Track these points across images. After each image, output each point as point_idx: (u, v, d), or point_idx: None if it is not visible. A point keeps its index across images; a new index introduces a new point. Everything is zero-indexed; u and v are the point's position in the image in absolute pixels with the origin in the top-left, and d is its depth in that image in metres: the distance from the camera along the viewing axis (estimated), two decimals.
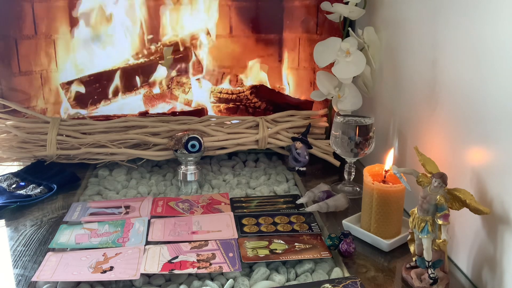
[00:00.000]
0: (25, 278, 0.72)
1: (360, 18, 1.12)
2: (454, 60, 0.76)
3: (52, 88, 1.30)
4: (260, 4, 1.33)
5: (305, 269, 0.75)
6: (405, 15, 0.96)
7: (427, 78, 0.86)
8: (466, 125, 0.72)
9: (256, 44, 1.35)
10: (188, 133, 1.04)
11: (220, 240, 0.82)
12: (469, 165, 0.72)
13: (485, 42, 0.67)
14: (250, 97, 1.33)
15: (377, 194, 0.81)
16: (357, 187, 1.04)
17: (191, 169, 1.05)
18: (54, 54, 1.29)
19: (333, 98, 1.12)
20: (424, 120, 0.88)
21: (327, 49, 1.08)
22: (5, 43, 1.22)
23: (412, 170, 0.71)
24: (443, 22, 0.79)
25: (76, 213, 0.92)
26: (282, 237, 0.84)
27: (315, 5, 1.28)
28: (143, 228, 0.86)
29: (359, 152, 0.99)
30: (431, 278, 0.68)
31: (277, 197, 1.01)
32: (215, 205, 0.97)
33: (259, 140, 1.17)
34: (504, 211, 0.63)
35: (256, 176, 1.14)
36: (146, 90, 1.35)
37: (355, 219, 0.88)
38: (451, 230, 0.77)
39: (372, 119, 1.00)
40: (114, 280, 0.71)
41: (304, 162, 1.14)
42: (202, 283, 0.71)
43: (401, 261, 0.77)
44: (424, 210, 0.67)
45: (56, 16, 1.27)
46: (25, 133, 1.13)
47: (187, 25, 1.33)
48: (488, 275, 0.68)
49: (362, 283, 0.69)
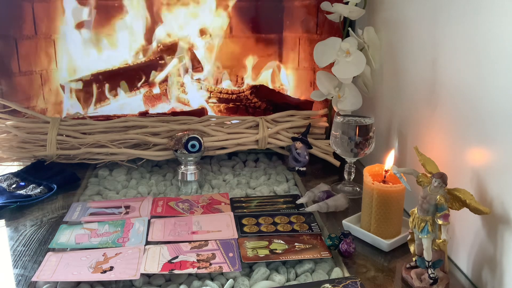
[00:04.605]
0: (25, 278, 0.72)
1: (360, 18, 1.12)
2: (454, 60, 0.76)
3: (52, 88, 1.30)
4: (260, 4, 1.33)
5: (305, 269, 0.75)
6: (405, 15, 0.96)
7: (427, 78, 0.86)
8: (466, 125, 0.72)
9: (256, 44, 1.35)
10: (188, 133, 1.04)
11: (220, 240, 0.82)
12: (469, 165, 0.72)
13: (485, 42, 0.67)
14: (250, 97, 1.33)
15: (377, 194, 0.81)
16: (357, 187, 1.04)
17: (191, 169, 1.05)
18: (54, 54, 1.29)
19: (333, 98, 1.12)
20: (424, 120, 0.88)
21: (327, 49, 1.08)
22: (5, 43, 1.22)
23: (412, 170, 0.71)
24: (443, 22, 0.79)
25: (76, 213, 0.92)
26: (282, 237, 0.84)
27: (315, 5, 1.28)
28: (143, 228, 0.86)
29: (359, 152, 0.99)
30: (431, 278, 0.68)
31: (277, 197, 1.01)
32: (215, 205, 0.97)
33: (259, 140, 1.17)
34: (504, 211, 0.63)
35: (256, 176, 1.14)
36: (146, 90, 1.35)
37: (355, 219, 0.88)
38: (451, 230, 0.77)
39: (372, 119, 1.00)
40: (114, 280, 0.71)
41: (304, 162, 1.14)
42: (202, 283, 0.71)
43: (401, 261, 0.77)
44: (424, 210, 0.67)
45: (56, 16, 1.27)
46: (25, 133, 1.13)
47: (187, 25, 1.33)
48: (488, 275, 0.68)
49: (362, 283, 0.69)
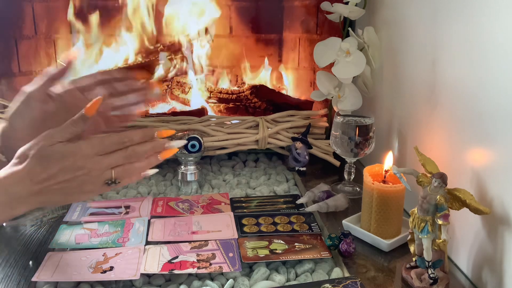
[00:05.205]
0: (25, 278, 0.72)
1: (360, 18, 1.12)
2: (454, 60, 0.76)
3: None
4: (260, 4, 1.33)
5: (305, 269, 0.75)
6: (405, 15, 0.96)
7: (427, 78, 0.86)
8: (466, 125, 0.72)
9: (256, 44, 1.35)
10: (188, 133, 1.04)
11: (220, 240, 0.82)
12: (469, 165, 0.72)
13: (485, 42, 0.67)
14: (250, 97, 1.33)
15: (377, 194, 0.81)
16: (357, 187, 1.04)
17: (191, 169, 1.05)
18: (54, 54, 1.29)
19: (333, 98, 1.12)
20: (424, 120, 0.88)
21: (327, 49, 1.08)
22: (5, 43, 1.22)
23: (412, 170, 0.71)
24: (443, 22, 0.79)
25: (76, 213, 0.92)
26: (282, 237, 0.84)
27: (315, 5, 1.28)
28: (143, 228, 0.86)
29: (359, 152, 0.99)
30: (431, 278, 0.68)
31: (277, 197, 1.01)
32: (215, 205, 0.97)
33: (259, 140, 1.17)
34: (504, 211, 0.63)
35: (256, 176, 1.14)
36: None
37: (355, 219, 0.88)
38: (451, 230, 0.77)
39: (372, 119, 1.00)
40: (114, 280, 0.71)
41: (304, 162, 1.14)
42: (202, 283, 0.71)
43: (401, 261, 0.77)
44: (424, 210, 0.67)
45: (56, 16, 1.27)
46: None
47: (186, 25, 1.33)
48: (488, 275, 0.68)
49: (362, 283, 0.69)
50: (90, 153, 0.65)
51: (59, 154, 0.64)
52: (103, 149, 0.66)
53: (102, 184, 0.67)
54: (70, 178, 0.64)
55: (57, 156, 0.64)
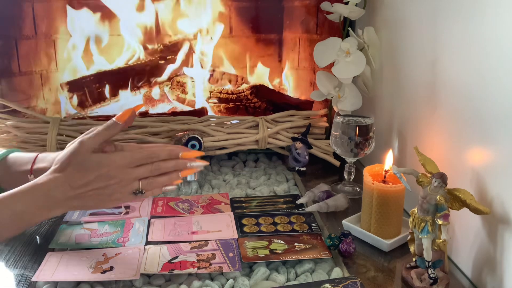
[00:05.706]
0: (25, 278, 0.72)
1: (360, 18, 1.12)
2: (454, 60, 0.76)
3: (52, 88, 1.30)
4: (260, 4, 1.32)
5: (305, 269, 0.75)
6: (405, 15, 0.96)
7: (427, 78, 0.86)
8: (466, 125, 0.72)
9: (256, 44, 1.35)
10: (188, 133, 1.04)
11: (220, 240, 0.82)
12: (469, 165, 0.72)
13: (485, 42, 0.67)
14: (250, 97, 1.33)
15: (377, 194, 0.81)
16: (357, 187, 1.04)
17: None
18: (54, 54, 1.29)
19: (333, 98, 1.12)
20: (424, 120, 0.88)
21: (327, 49, 1.08)
22: (5, 43, 1.22)
23: (412, 170, 0.71)
24: (443, 22, 0.79)
25: (76, 213, 0.92)
26: (282, 237, 0.84)
27: (315, 5, 1.28)
28: (143, 228, 0.86)
29: (359, 152, 0.99)
30: (431, 278, 0.68)
31: (277, 197, 1.01)
32: (215, 205, 0.97)
33: (259, 140, 1.17)
34: (504, 211, 0.63)
35: (256, 176, 1.14)
36: (146, 90, 1.35)
37: (355, 219, 0.88)
38: (451, 230, 0.77)
39: (372, 119, 1.00)
40: (114, 280, 0.71)
41: (304, 162, 1.14)
42: (202, 283, 0.71)
43: (401, 261, 0.77)
44: (424, 210, 0.67)
45: (56, 16, 1.27)
46: (25, 133, 1.13)
47: (186, 25, 1.33)
48: (488, 275, 0.68)
49: (362, 283, 0.69)
50: (122, 165, 0.72)
51: (96, 163, 0.71)
52: (133, 162, 0.73)
53: (129, 194, 0.74)
54: (104, 186, 0.71)
55: (94, 165, 0.71)
